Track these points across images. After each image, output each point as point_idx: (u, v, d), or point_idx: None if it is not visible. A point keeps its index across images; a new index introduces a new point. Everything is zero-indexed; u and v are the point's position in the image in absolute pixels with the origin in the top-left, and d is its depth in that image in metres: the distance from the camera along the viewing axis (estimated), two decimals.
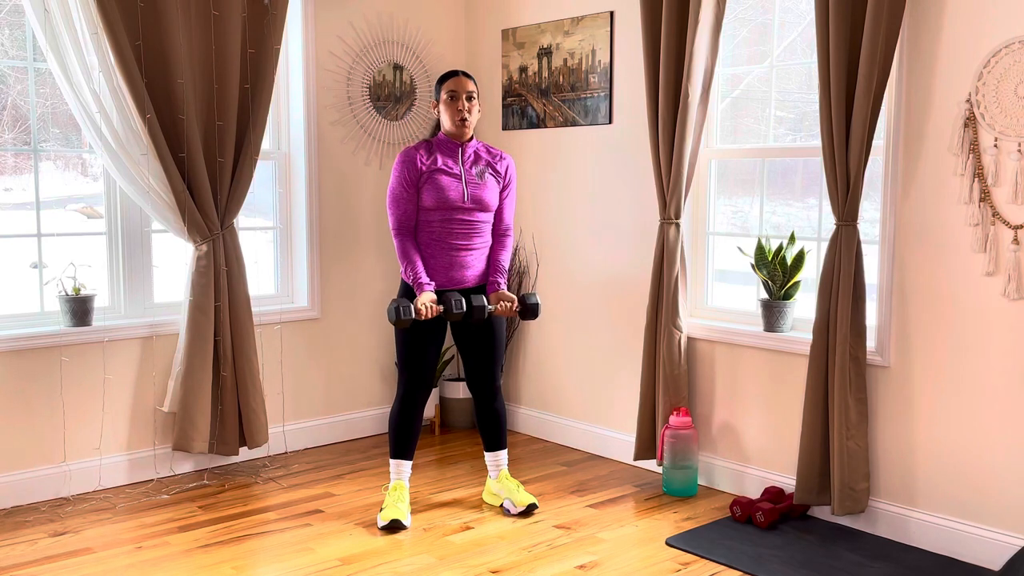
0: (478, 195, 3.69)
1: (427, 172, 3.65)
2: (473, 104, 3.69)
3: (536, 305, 3.73)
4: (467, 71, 3.76)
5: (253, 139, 4.13)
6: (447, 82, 3.69)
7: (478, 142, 3.78)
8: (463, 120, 3.66)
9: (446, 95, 3.66)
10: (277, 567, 3.28)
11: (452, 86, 3.67)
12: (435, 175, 3.65)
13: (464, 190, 3.66)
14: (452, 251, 3.69)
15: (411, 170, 3.65)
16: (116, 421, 4.08)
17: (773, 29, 3.97)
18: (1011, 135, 3.14)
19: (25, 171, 4.06)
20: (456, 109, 3.65)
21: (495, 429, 3.87)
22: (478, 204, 3.69)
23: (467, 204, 3.67)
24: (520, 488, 3.82)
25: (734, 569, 3.26)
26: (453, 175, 3.67)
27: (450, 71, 3.74)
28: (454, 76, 3.70)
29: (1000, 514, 3.25)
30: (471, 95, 3.68)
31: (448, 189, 3.64)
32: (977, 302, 3.26)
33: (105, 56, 3.74)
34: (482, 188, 3.70)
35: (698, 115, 3.91)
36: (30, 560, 3.31)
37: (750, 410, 3.98)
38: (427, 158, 3.68)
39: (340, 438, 4.82)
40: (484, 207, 3.71)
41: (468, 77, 3.70)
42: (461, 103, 3.65)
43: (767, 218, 4.06)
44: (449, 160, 3.68)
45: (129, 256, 4.16)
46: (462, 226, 3.68)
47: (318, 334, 4.71)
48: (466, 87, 3.67)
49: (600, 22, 4.39)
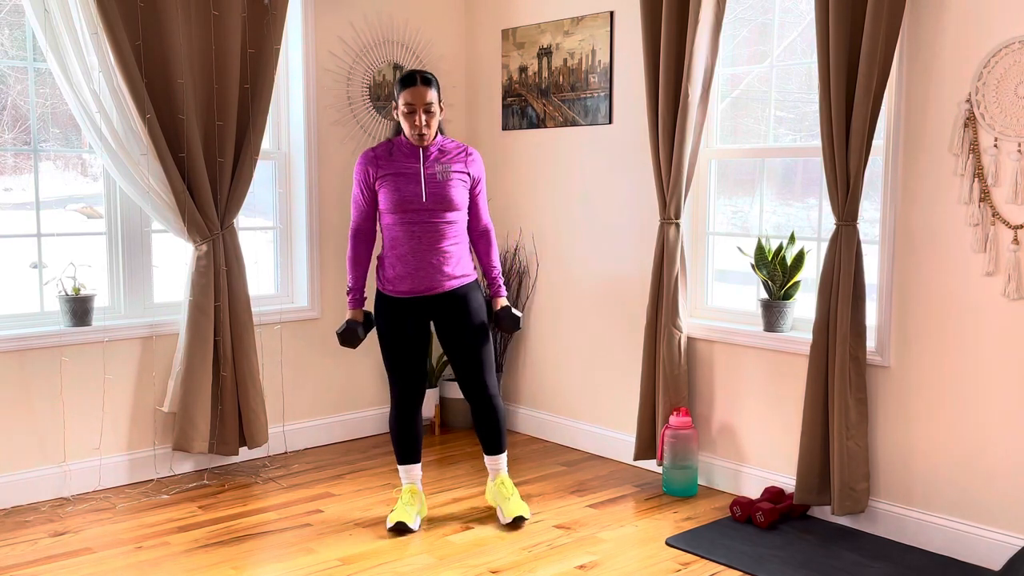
0: (440, 193, 3.48)
1: (383, 174, 3.50)
2: (432, 116, 3.46)
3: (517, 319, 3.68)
4: (426, 73, 3.47)
5: (253, 139, 4.13)
6: (404, 92, 3.43)
7: (443, 138, 3.57)
8: (420, 135, 3.46)
9: (404, 106, 3.43)
10: (277, 567, 3.28)
11: (409, 98, 3.42)
12: (391, 176, 3.49)
13: (423, 190, 3.47)
14: (419, 256, 3.50)
15: (366, 173, 3.52)
16: (116, 421, 4.08)
17: (773, 29, 3.97)
18: (1011, 135, 3.14)
19: (25, 171, 4.06)
20: (413, 123, 3.44)
21: (489, 432, 3.69)
22: (441, 203, 3.48)
23: (427, 204, 3.46)
24: (514, 497, 3.69)
25: (734, 569, 3.26)
26: (410, 175, 3.48)
27: (408, 75, 3.45)
28: (411, 86, 3.42)
29: (1000, 514, 3.25)
30: (429, 107, 3.43)
31: (405, 190, 3.46)
32: (977, 302, 3.26)
33: (105, 56, 3.74)
34: (444, 186, 3.49)
35: (698, 115, 3.91)
36: (30, 560, 3.31)
37: (750, 410, 3.98)
38: (386, 159, 3.52)
39: (340, 438, 4.82)
40: (449, 206, 3.49)
41: (427, 84, 3.44)
42: (418, 117, 3.43)
43: (767, 218, 4.06)
44: (408, 160, 3.50)
45: (129, 256, 4.16)
46: (424, 227, 3.48)
47: (318, 334, 4.71)
48: (423, 99, 3.42)
49: (600, 22, 4.39)
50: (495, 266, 3.71)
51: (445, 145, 3.57)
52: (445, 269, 3.52)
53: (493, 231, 3.74)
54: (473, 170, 3.60)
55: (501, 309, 3.66)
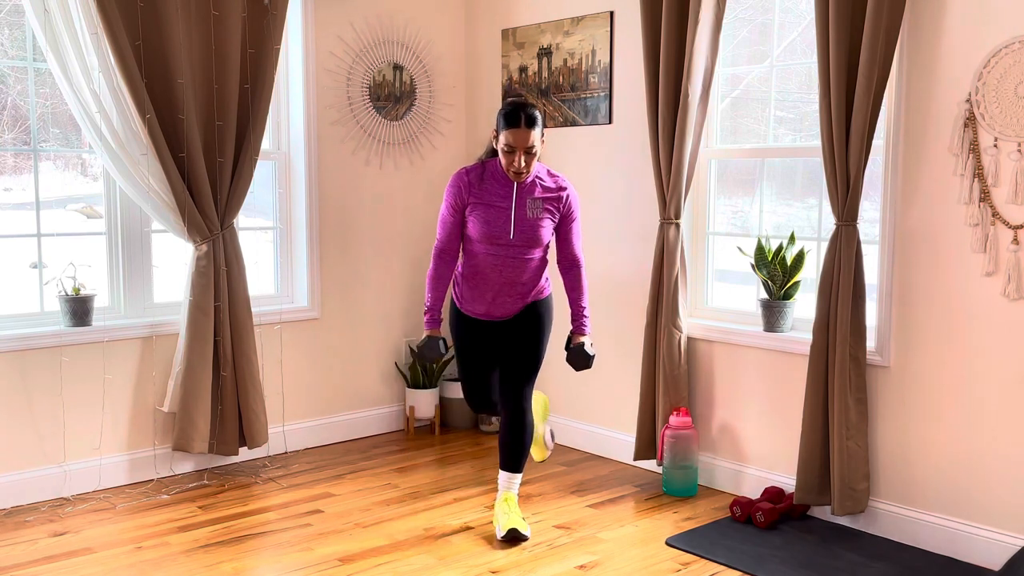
0: (528, 232, 3.40)
1: (475, 202, 3.41)
2: (533, 156, 3.32)
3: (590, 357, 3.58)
4: (531, 111, 3.29)
5: (253, 139, 4.13)
6: (507, 130, 3.29)
7: (540, 168, 3.45)
8: (517, 174, 3.35)
9: (504, 145, 3.30)
10: (277, 567, 3.28)
11: (511, 139, 3.27)
12: (482, 206, 3.40)
13: (512, 227, 3.39)
14: (497, 288, 3.47)
15: (459, 196, 3.42)
16: (116, 421, 4.08)
17: (773, 29, 3.97)
18: (1011, 135, 3.14)
19: (25, 171, 4.06)
20: (511, 162, 3.32)
21: (512, 445, 3.57)
22: (527, 242, 3.41)
23: (514, 241, 3.40)
24: (514, 515, 3.53)
25: (734, 569, 3.26)
26: (501, 208, 3.39)
27: (513, 112, 3.29)
28: (514, 127, 3.27)
29: (1000, 514, 3.25)
30: (530, 149, 3.29)
31: (493, 224, 3.38)
32: (977, 302, 3.26)
33: (105, 56, 3.74)
34: (533, 225, 3.40)
35: (698, 115, 3.91)
36: (30, 560, 3.31)
37: (750, 410, 3.98)
38: (478, 186, 3.41)
39: (340, 438, 4.82)
40: (535, 244, 3.43)
41: (531, 126, 3.27)
42: (518, 158, 3.31)
43: (767, 218, 4.06)
44: (501, 191, 3.40)
45: (129, 256, 4.16)
46: (508, 262, 3.42)
47: (318, 334, 4.71)
48: (525, 142, 3.27)
49: (600, 22, 4.39)
50: (583, 305, 3.59)
51: (541, 179, 3.45)
52: (520, 300, 3.53)
53: (583, 266, 3.60)
54: (566, 210, 3.49)
55: (576, 345, 3.56)
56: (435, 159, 5.07)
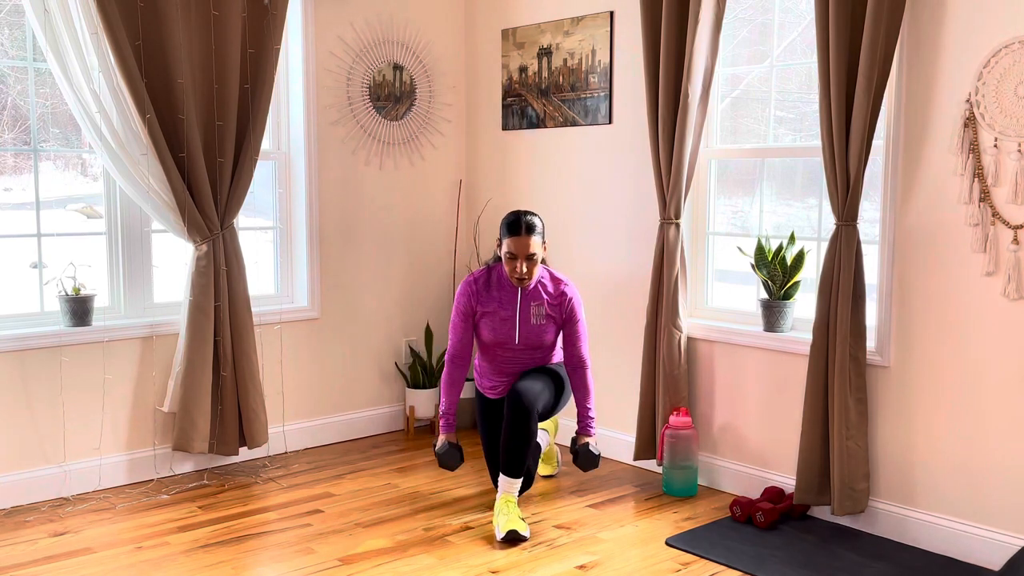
0: (532, 339, 3.70)
1: (482, 311, 3.69)
2: (534, 263, 3.58)
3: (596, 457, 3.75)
4: (531, 219, 3.55)
5: (253, 139, 4.13)
6: (508, 239, 3.54)
7: (544, 274, 3.72)
8: (520, 280, 3.60)
9: (506, 252, 3.56)
10: (277, 567, 3.28)
11: (512, 247, 3.53)
12: (489, 315, 3.68)
13: (516, 333, 3.68)
14: (506, 375, 3.80)
15: (467, 304, 3.69)
16: (116, 421, 4.08)
17: (773, 29, 3.97)
18: (1011, 135, 3.14)
19: (25, 171, 4.06)
20: (513, 269, 3.57)
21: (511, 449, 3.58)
22: (532, 344, 3.71)
23: (519, 345, 3.70)
24: (513, 516, 3.51)
25: (734, 569, 3.26)
26: (506, 318, 3.67)
27: (514, 221, 3.55)
28: (515, 235, 3.53)
29: (1000, 514, 3.25)
30: (531, 256, 3.54)
31: (500, 331, 3.68)
32: (977, 302, 3.26)
33: (105, 56, 3.74)
34: (537, 331, 3.69)
35: (698, 115, 3.91)
36: (30, 560, 3.31)
37: (750, 410, 3.98)
38: (485, 294, 3.68)
39: (340, 438, 4.82)
40: (540, 346, 3.73)
41: (530, 233, 3.53)
42: (519, 265, 3.55)
43: (767, 218, 4.06)
44: (506, 299, 3.68)
45: (129, 256, 4.16)
46: (518, 356, 3.75)
47: (318, 334, 4.71)
48: (526, 249, 3.52)
49: (600, 22, 4.39)
50: (589, 407, 3.75)
51: (544, 284, 3.71)
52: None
53: (590, 367, 3.78)
54: (568, 314, 3.71)
55: (581, 445, 3.72)
56: (435, 159, 5.07)
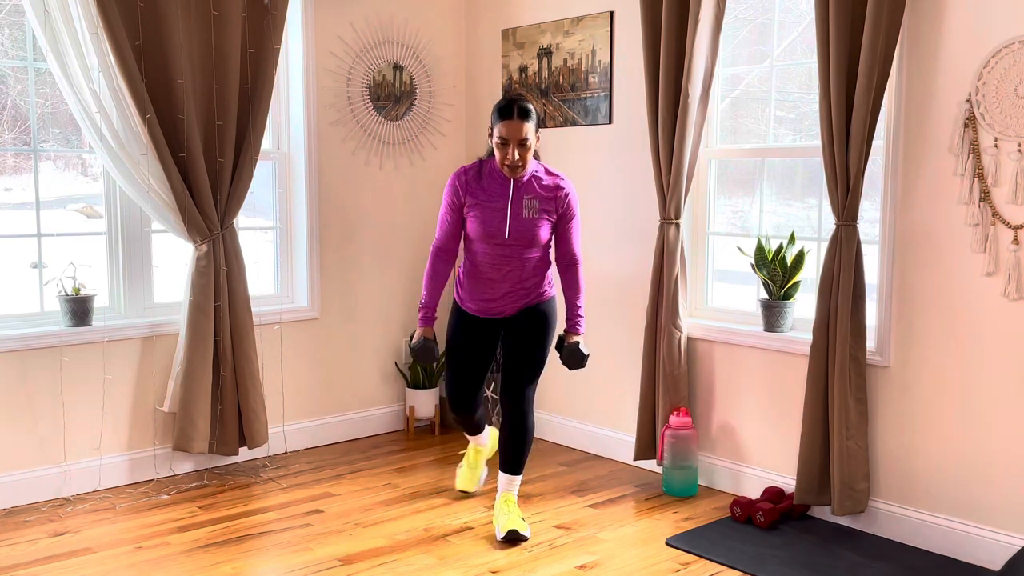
0: (522, 232, 3.40)
1: (472, 201, 3.44)
2: (527, 150, 3.33)
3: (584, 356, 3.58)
4: (524, 104, 3.33)
5: (253, 139, 4.13)
6: (500, 123, 3.31)
7: (537, 167, 3.46)
8: (512, 167, 3.35)
9: (498, 138, 3.32)
10: (277, 567, 3.28)
11: (503, 131, 3.30)
12: (479, 205, 3.42)
13: (507, 226, 3.40)
14: (490, 282, 3.49)
15: (456, 195, 3.46)
16: (116, 421, 4.08)
17: (773, 29, 3.97)
18: (1011, 135, 3.14)
19: (25, 171, 4.06)
20: (505, 156, 3.33)
21: (513, 446, 3.58)
22: (524, 241, 3.42)
23: (510, 240, 3.41)
24: (513, 515, 3.52)
25: (734, 569, 3.26)
26: (497, 208, 3.40)
27: (506, 105, 3.33)
28: (507, 119, 3.30)
29: (1000, 514, 3.25)
30: (523, 142, 3.30)
31: (489, 223, 3.40)
32: (977, 302, 3.26)
33: (105, 56, 3.74)
34: (530, 225, 3.41)
35: (698, 115, 3.91)
36: (30, 560, 3.31)
37: (750, 410, 3.98)
38: (476, 184, 3.44)
39: (340, 438, 4.82)
40: (532, 243, 3.43)
41: (523, 118, 3.30)
42: (511, 151, 3.31)
43: (767, 218, 4.06)
44: (498, 190, 3.42)
45: (129, 256, 4.16)
46: (506, 260, 3.44)
47: (318, 334, 4.71)
48: (518, 134, 3.29)
49: (600, 22, 4.39)
50: (579, 304, 3.58)
51: (539, 177, 3.46)
52: (520, 299, 3.53)
53: (581, 265, 3.58)
54: (564, 209, 3.48)
55: (570, 343, 3.56)
56: (435, 159, 5.07)
